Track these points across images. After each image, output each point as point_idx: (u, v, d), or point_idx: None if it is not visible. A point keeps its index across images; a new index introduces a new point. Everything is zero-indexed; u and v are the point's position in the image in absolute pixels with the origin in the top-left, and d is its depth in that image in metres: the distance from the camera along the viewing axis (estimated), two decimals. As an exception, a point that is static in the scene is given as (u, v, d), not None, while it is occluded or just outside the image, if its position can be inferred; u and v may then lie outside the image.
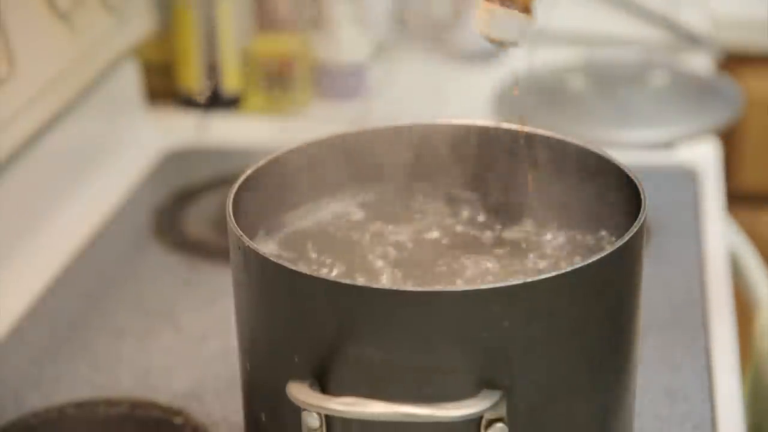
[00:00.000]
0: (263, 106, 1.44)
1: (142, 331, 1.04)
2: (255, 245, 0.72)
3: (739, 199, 1.61)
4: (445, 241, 0.83)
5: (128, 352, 1.01)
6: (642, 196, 0.76)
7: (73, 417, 0.91)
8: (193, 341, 1.02)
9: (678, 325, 1.02)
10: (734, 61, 1.73)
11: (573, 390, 0.72)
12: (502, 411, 0.70)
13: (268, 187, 0.82)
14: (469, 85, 1.52)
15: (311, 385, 0.71)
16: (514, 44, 0.81)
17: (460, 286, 0.77)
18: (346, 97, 1.48)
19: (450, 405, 0.69)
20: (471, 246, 0.82)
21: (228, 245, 0.76)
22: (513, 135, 0.85)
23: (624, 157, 0.81)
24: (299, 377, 0.71)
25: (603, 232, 0.82)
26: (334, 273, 0.79)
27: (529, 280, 0.69)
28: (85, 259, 1.15)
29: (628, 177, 0.79)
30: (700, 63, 1.60)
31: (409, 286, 0.76)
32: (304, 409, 0.71)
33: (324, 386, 0.71)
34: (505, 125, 0.86)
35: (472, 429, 0.70)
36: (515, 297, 0.69)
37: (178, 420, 0.91)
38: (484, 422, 0.70)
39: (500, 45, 0.81)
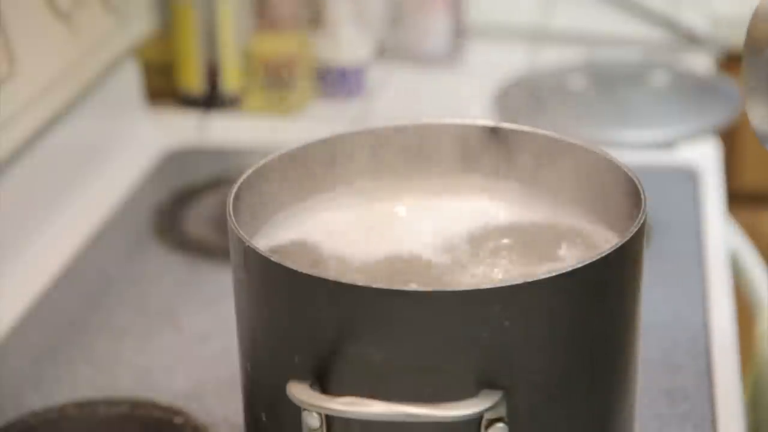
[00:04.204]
0: (263, 106, 1.44)
1: (142, 331, 1.04)
2: (255, 245, 0.72)
3: (739, 199, 1.60)
4: (442, 239, 0.83)
5: (128, 352, 1.01)
6: (642, 196, 0.76)
7: (73, 417, 0.91)
8: (193, 341, 1.02)
9: (678, 325, 1.02)
10: (734, 61, 1.73)
11: (573, 390, 0.72)
12: (502, 411, 0.70)
13: (268, 187, 0.82)
14: (469, 85, 1.52)
15: (311, 385, 0.71)
16: None
17: (460, 286, 0.77)
18: (346, 97, 1.48)
19: (450, 405, 0.69)
20: (469, 247, 0.82)
21: (228, 245, 0.76)
22: (514, 135, 0.85)
23: (624, 157, 0.81)
24: (299, 377, 0.71)
25: (603, 232, 0.82)
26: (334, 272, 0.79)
27: (529, 280, 0.69)
28: (85, 259, 1.15)
29: (628, 177, 0.79)
30: (700, 63, 1.60)
31: (410, 286, 0.76)
32: (304, 409, 0.71)
33: (324, 386, 0.71)
34: (506, 125, 0.86)
35: (472, 429, 0.70)
36: (515, 297, 0.69)
37: (178, 420, 0.91)
38: (484, 422, 0.70)
39: None
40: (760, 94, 0.72)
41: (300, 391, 0.71)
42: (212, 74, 1.44)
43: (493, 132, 0.86)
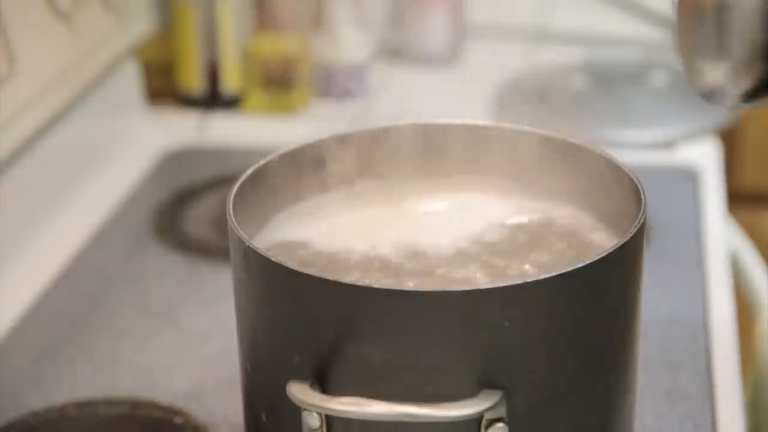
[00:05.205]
0: (263, 106, 1.44)
1: (142, 331, 1.04)
2: (255, 245, 0.72)
3: (739, 199, 1.60)
4: (443, 239, 0.83)
5: (128, 352, 1.01)
6: (642, 196, 0.76)
7: (73, 417, 0.91)
8: (193, 341, 1.02)
9: (678, 324, 1.02)
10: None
11: (573, 390, 0.72)
12: (502, 411, 0.70)
13: (268, 187, 0.82)
14: (469, 85, 1.52)
15: (311, 385, 0.71)
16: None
17: (460, 286, 0.77)
18: (346, 97, 1.48)
19: (450, 405, 0.69)
20: (469, 247, 0.82)
21: (228, 245, 0.76)
22: (514, 135, 0.85)
23: (624, 157, 0.81)
24: (299, 377, 0.71)
25: (603, 232, 0.82)
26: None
27: (529, 280, 0.69)
28: (85, 259, 1.15)
29: (628, 177, 0.79)
30: (700, 63, 1.60)
31: (409, 286, 0.76)
32: (305, 409, 0.71)
33: (324, 386, 0.71)
34: (506, 125, 0.86)
35: (472, 429, 0.70)
36: (515, 297, 0.69)
37: (178, 420, 0.91)
38: (484, 422, 0.70)
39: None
40: (706, 55, 0.72)
41: (300, 391, 0.71)
42: (212, 74, 1.44)
43: (493, 132, 0.86)
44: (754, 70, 0.71)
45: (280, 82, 1.43)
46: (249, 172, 0.81)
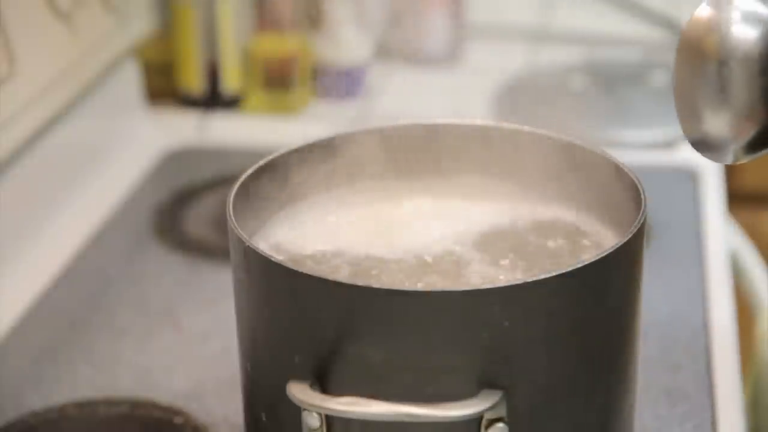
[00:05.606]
0: (263, 106, 1.44)
1: (142, 331, 1.04)
2: (255, 245, 0.72)
3: (739, 199, 1.60)
4: (443, 239, 0.83)
5: (128, 352, 1.01)
6: (642, 197, 0.76)
7: (73, 417, 0.91)
8: (193, 341, 1.02)
9: (678, 325, 1.02)
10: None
11: (573, 390, 0.72)
12: (502, 411, 0.70)
13: (268, 187, 0.82)
14: (469, 85, 1.52)
15: (311, 385, 0.71)
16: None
17: (460, 286, 0.77)
18: (346, 97, 1.48)
19: (450, 405, 0.69)
20: (469, 247, 0.82)
21: (228, 245, 0.76)
22: (513, 135, 0.85)
23: (624, 157, 0.81)
24: (299, 377, 0.71)
25: (603, 232, 0.82)
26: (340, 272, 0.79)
27: (529, 280, 0.69)
28: (85, 259, 1.15)
29: (628, 177, 0.79)
30: (700, 63, 1.60)
31: (409, 286, 0.76)
32: (305, 409, 0.71)
33: (324, 386, 0.71)
34: (505, 125, 0.86)
35: (472, 429, 0.70)
36: (515, 297, 0.69)
37: (178, 420, 0.91)
38: (484, 422, 0.70)
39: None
40: (707, 105, 0.73)
41: (300, 391, 0.71)
42: (212, 74, 1.44)
43: (493, 132, 0.86)
44: (756, 119, 0.71)
45: (280, 82, 1.43)
46: (249, 171, 0.81)
